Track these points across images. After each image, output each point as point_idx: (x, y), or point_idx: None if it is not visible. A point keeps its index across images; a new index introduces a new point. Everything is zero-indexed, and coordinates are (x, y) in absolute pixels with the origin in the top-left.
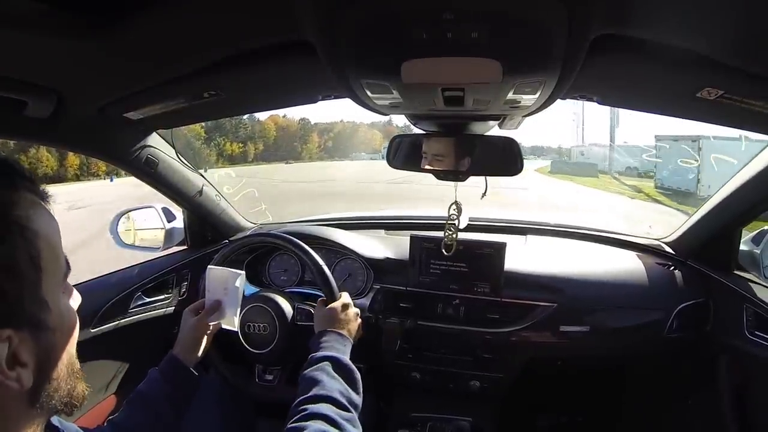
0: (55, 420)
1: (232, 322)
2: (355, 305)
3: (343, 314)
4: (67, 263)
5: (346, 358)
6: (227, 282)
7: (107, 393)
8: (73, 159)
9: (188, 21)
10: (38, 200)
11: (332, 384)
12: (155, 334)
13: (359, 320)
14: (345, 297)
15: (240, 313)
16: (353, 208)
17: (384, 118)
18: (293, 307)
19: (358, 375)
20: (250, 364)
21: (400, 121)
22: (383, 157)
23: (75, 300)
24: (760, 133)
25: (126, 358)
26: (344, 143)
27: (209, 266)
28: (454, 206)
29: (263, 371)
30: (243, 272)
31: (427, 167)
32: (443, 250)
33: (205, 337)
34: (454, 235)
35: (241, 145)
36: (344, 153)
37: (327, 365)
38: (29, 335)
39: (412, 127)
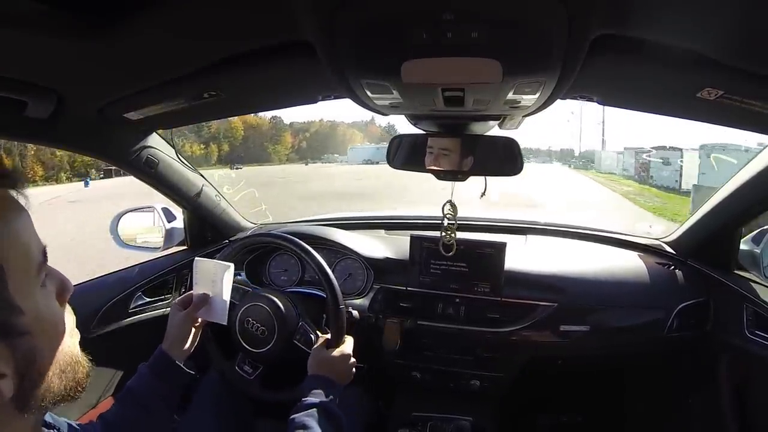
0: (47, 415)
1: (220, 315)
2: (355, 305)
3: (342, 364)
4: (44, 253)
5: (335, 407)
6: (215, 274)
7: (106, 393)
8: (6, 161)
9: (188, 21)
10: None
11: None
12: (155, 335)
13: (354, 370)
14: (348, 345)
15: (228, 306)
16: None
17: (366, 117)
18: (296, 316)
19: (345, 423)
20: (234, 349)
21: (383, 121)
22: (349, 161)
23: (63, 289)
24: (760, 133)
25: (126, 359)
26: (320, 144)
27: (197, 258)
28: (448, 206)
29: (244, 362)
30: (231, 264)
31: (427, 167)
32: (442, 251)
33: (194, 330)
34: (453, 234)
35: (203, 146)
36: (317, 155)
37: (315, 412)
38: (2, 344)
39: (396, 126)
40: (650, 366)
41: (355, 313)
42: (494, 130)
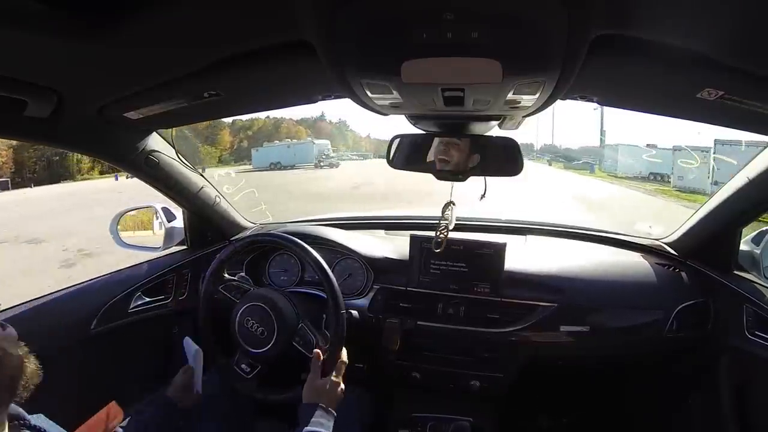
0: (42, 420)
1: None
2: (355, 305)
3: (333, 391)
4: None
5: None
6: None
7: (107, 393)
8: None
9: (188, 21)
10: None
11: None
12: (155, 334)
13: (342, 395)
14: (343, 361)
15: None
16: None
17: (315, 113)
18: (296, 317)
19: None
20: (233, 347)
21: (334, 116)
22: (252, 161)
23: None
24: (760, 133)
25: (126, 358)
26: (262, 142)
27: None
28: (449, 207)
29: (242, 360)
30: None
31: (427, 167)
32: (433, 248)
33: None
34: (445, 234)
35: None
36: (247, 156)
37: None
38: None
39: (347, 121)
40: (650, 366)
41: (354, 313)
42: (494, 130)
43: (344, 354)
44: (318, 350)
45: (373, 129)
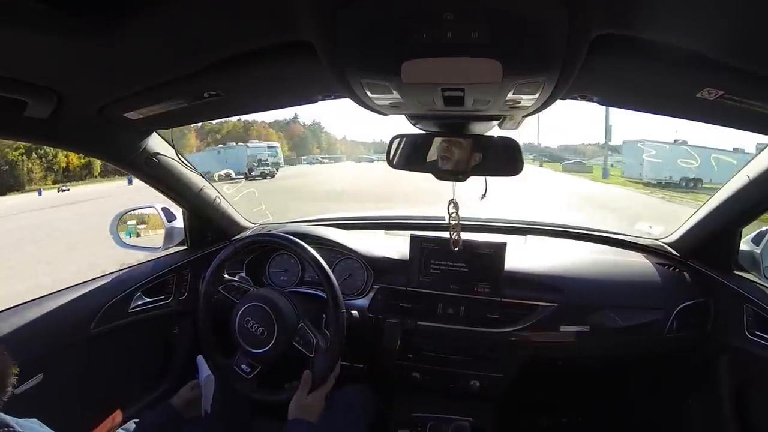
0: (36, 423)
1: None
2: (355, 305)
3: (319, 408)
4: None
5: None
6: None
7: (107, 393)
8: None
9: (188, 21)
10: None
11: None
12: (155, 334)
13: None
14: (325, 389)
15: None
16: None
17: (288, 115)
18: (296, 317)
19: None
20: (233, 347)
21: (308, 118)
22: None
23: None
24: (759, 133)
25: (126, 358)
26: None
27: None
28: (452, 205)
29: (242, 361)
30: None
31: (427, 167)
32: (452, 247)
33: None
34: (458, 233)
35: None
36: None
37: None
38: None
39: (321, 123)
40: (650, 366)
41: (354, 313)
42: (494, 129)
43: (328, 385)
44: (308, 371)
45: (349, 131)
